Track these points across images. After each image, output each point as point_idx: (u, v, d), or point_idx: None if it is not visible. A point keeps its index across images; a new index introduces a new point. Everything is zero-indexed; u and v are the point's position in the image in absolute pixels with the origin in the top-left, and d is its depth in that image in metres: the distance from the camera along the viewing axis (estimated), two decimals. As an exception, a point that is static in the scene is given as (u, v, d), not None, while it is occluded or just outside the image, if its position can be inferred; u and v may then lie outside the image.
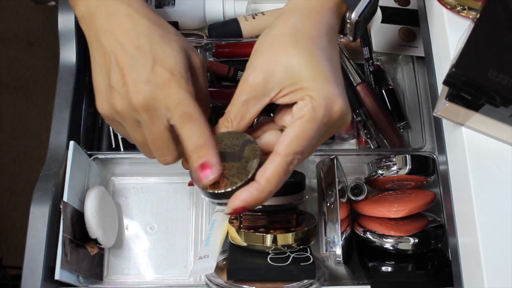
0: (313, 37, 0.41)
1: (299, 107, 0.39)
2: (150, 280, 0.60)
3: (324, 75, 0.40)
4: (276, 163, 0.38)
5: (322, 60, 0.40)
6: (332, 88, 0.39)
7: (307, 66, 0.40)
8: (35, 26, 1.53)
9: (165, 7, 0.68)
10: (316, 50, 0.40)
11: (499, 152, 0.45)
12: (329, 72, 0.40)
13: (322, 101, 0.39)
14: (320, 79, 0.39)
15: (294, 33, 0.41)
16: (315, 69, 0.40)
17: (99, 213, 0.56)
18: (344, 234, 0.54)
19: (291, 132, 0.39)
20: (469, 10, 0.50)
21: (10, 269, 1.20)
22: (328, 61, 0.41)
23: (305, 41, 0.41)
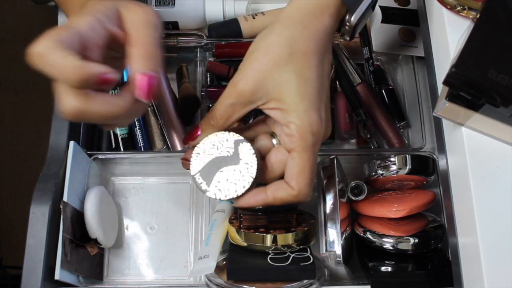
0: (307, 53, 0.43)
1: (288, 136, 0.44)
2: (150, 280, 0.60)
3: (309, 99, 0.43)
4: (288, 194, 0.45)
5: (311, 82, 0.43)
6: (315, 113, 0.43)
7: (296, 86, 0.42)
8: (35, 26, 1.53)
9: (165, 7, 0.68)
10: (307, 70, 0.43)
11: (499, 152, 0.45)
12: (315, 95, 0.43)
13: (308, 128, 0.43)
14: (305, 104, 0.43)
15: (290, 45, 0.43)
16: (303, 92, 0.43)
17: (99, 213, 0.56)
18: (344, 234, 0.54)
19: (295, 167, 0.44)
20: (469, 10, 0.50)
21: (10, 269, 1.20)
22: (317, 81, 0.43)
23: (299, 57, 0.43)
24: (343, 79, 0.65)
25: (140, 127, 0.64)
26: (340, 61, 0.66)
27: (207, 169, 0.46)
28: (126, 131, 0.64)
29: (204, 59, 0.69)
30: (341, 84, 0.66)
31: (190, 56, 0.70)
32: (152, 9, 0.42)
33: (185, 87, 0.66)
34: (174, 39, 0.69)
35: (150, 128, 0.66)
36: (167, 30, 0.69)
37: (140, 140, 0.64)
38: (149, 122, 0.66)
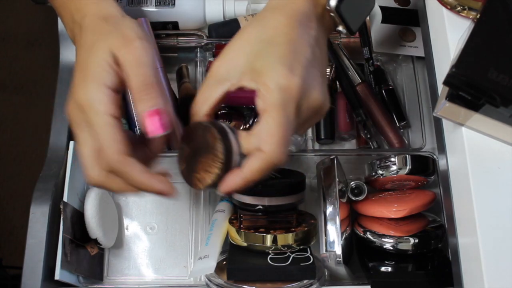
0: (277, 26, 0.43)
1: (258, 98, 0.41)
2: (150, 280, 0.60)
3: (277, 56, 0.41)
4: (261, 160, 0.41)
5: (280, 44, 0.42)
6: (283, 67, 0.41)
7: (264, 52, 0.42)
8: (35, 26, 1.53)
9: (165, 7, 0.68)
10: (276, 37, 0.43)
11: (499, 152, 0.45)
12: (285, 54, 0.42)
13: (274, 84, 0.40)
14: (271, 61, 0.41)
15: (261, 24, 0.44)
16: (270, 53, 0.42)
17: (99, 213, 0.56)
18: (344, 234, 0.54)
19: (263, 129, 0.41)
20: (469, 10, 0.50)
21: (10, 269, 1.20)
22: (289, 44, 0.42)
23: (269, 31, 0.43)
24: (343, 79, 0.65)
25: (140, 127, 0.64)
26: (340, 61, 0.66)
27: (188, 161, 0.45)
28: (126, 131, 0.64)
29: (204, 59, 0.69)
30: (341, 84, 0.66)
31: (190, 56, 0.70)
32: (143, 40, 0.43)
33: (185, 87, 0.66)
34: (174, 39, 0.69)
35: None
36: (167, 30, 0.69)
37: (140, 140, 0.64)
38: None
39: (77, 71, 0.43)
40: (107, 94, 0.41)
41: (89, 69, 0.42)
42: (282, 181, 0.55)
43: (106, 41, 0.42)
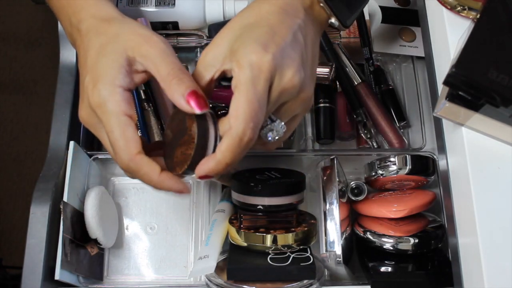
0: (260, 13, 0.44)
1: (233, 77, 0.42)
2: (150, 280, 0.60)
3: (253, 38, 0.42)
4: (229, 137, 0.41)
5: (259, 27, 0.43)
6: (256, 44, 0.41)
7: (244, 35, 0.43)
8: (35, 26, 1.53)
9: (165, 7, 0.68)
10: (256, 23, 0.43)
11: (499, 152, 0.45)
12: (261, 35, 0.42)
13: (245, 59, 0.41)
14: (248, 42, 0.42)
15: (246, 16, 0.45)
16: (246, 36, 0.42)
17: (99, 213, 0.56)
18: (344, 234, 0.54)
19: (232, 106, 0.41)
20: (469, 10, 0.50)
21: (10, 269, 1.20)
22: (266, 27, 0.43)
23: (251, 17, 0.44)
24: (343, 79, 0.65)
25: (140, 127, 0.64)
26: (340, 61, 0.66)
27: (169, 147, 0.46)
28: (126, 131, 0.64)
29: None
30: (341, 84, 0.66)
31: (190, 56, 0.70)
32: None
33: (185, 87, 0.66)
34: (174, 39, 0.69)
35: (150, 128, 0.65)
36: (167, 30, 0.69)
37: (140, 140, 0.64)
38: (149, 122, 0.66)
39: (86, 75, 0.43)
40: (121, 93, 0.42)
41: (100, 71, 0.42)
42: (282, 181, 0.55)
43: (118, 42, 0.43)
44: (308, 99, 0.46)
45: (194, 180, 0.64)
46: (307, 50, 0.45)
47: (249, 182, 0.54)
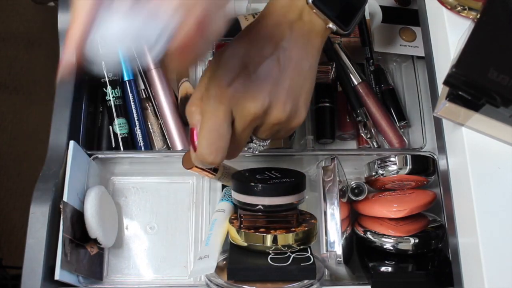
0: (241, 42, 0.47)
1: None
2: (150, 280, 0.60)
3: (221, 71, 0.45)
4: (194, 155, 0.47)
5: (231, 60, 0.46)
6: (221, 80, 0.45)
7: (218, 70, 0.46)
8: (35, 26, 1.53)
9: (165, 7, 0.68)
10: (232, 56, 0.46)
11: (499, 152, 0.45)
12: (229, 69, 0.45)
13: (210, 94, 0.45)
14: (215, 76, 0.45)
15: (233, 45, 0.48)
16: (220, 70, 0.46)
17: (99, 213, 0.56)
18: (344, 234, 0.54)
19: (199, 132, 0.46)
20: (469, 10, 0.50)
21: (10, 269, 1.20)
22: (238, 60, 0.46)
23: (230, 49, 0.47)
24: (343, 79, 0.65)
25: (140, 127, 0.64)
26: (340, 61, 0.66)
27: None
28: (126, 131, 0.64)
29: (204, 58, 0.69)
30: (341, 84, 0.66)
31: (190, 56, 0.69)
32: None
33: (185, 86, 0.66)
34: (174, 39, 0.69)
35: (150, 128, 0.66)
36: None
37: (140, 140, 0.64)
38: (149, 122, 0.66)
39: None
40: None
41: None
42: (282, 181, 0.55)
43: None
44: (283, 121, 0.47)
45: (194, 180, 0.64)
46: (285, 75, 0.46)
47: (249, 182, 0.54)
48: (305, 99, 0.48)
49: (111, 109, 0.63)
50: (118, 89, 0.64)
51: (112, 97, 0.63)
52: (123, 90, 0.65)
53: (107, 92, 0.63)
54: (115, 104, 0.63)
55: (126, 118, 0.64)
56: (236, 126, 0.46)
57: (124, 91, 0.65)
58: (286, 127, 0.48)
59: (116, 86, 0.64)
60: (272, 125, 0.47)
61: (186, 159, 0.56)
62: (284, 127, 0.48)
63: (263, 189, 0.54)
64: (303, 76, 0.47)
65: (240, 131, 0.46)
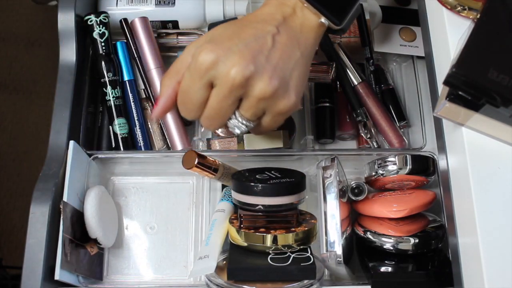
0: (237, 20, 0.49)
1: None
2: (150, 280, 0.60)
3: (208, 35, 0.47)
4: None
5: (222, 29, 0.47)
6: (203, 40, 0.47)
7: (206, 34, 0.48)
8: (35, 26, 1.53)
9: (165, 6, 0.68)
10: (224, 27, 0.48)
11: (499, 152, 0.45)
12: (216, 34, 0.47)
13: (192, 51, 0.47)
14: (201, 37, 0.48)
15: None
16: (207, 34, 0.48)
17: (99, 213, 0.56)
18: (344, 234, 0.54)
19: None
20: (469, 10, 0.50)
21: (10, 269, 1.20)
22: (227, 30, 0.47)
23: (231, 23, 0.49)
24: (343, 79, 0.65)
25: (140, 127, 0.64)
26: (340, 61, 0.66)
27: None
28: (126, 131, 0.64)
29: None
30: (341, 84, 0.66)
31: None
32: None
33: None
34: (174, 38, 0.69)
35: (150, 128, 0.66)
36: (167, 30, 0.69)
37: (140, 140, 0.64)
38: (149, 122, 0.66)
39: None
40: None
41: None
42: (282, 181, 0.55)
43: None
44: (268, 97, 0.46)
45: (194, 180, 0.64)
46: (274, 53, 0.46)
47: (249, 182, 0.54)
48: (296, 84, 0.47)
49: (111, 109, 0.63)
50: (118, 89, 0.64)
51: (112, 97, 0.63)
52: (123, 90, 0.65)
53: (107, 92, 0.63)
54: (115, 104, 0.63)
55: (126, 118, 0.64)
56: (216, 92, 0.46)
57: (124, 91, 0.65)
58: (273, 108, 0.47)
59: (116, 86, 0.64)
60: (257, 100, 0.46)
61: (186, 159, 0.56)
62: (271, 107, 0.47)
63: (263, 189, 0.54)
64: (294, 61, 0.47)
65: (220, 98, 0.46)
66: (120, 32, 0.66)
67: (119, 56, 0.65)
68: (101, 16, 0.64)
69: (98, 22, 0.64)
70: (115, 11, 0.67)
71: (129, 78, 0.65)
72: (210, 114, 0.47)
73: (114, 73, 0.64)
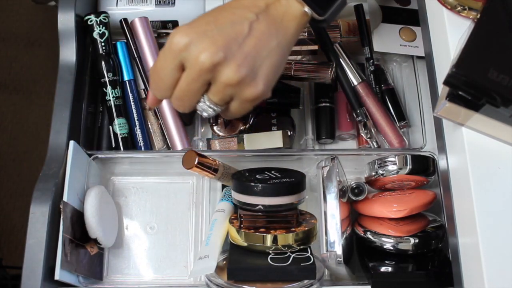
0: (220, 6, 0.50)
1: None
2: (150, 280, 0.60)
3: (188, 23, 0.48)
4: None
5: (203, 16, 0.49)
6: (181, 27, 0.48)
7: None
8: (35, 26, 1.53)
9: (165, 6, 0.68)
10: (206, 14, 0.50)
11: (499, 152, 0.45)
12: (195, 20, 0.48)
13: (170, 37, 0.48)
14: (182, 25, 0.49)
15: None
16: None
17: (99, 213, 0.56)
18: (344, 234, 0.54)
19: None
20: (469, 10, 0.50)
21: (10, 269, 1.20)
22: (207, 16, 0.49)
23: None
24: (343, 79, 0.65)
25: (140, 127, 0.64)
26: (340, 61, 0.66)
27: None
28: (126, 130, 0.64)
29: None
30: (341, 84, 0.66)
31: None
32: None
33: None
34: (174, 39, 0.69)
35: (150, 128, 0.66)
36: (167, 30, 0.69)
37: (140, 140, 0.64)
38: (149, 122, 0.66)
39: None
40: None
41: None
42: (282, 181, 0.55)
43: None
44: (234, 84, 0.47)
45: (194, 180, 0.64)
46: (248, 41, 0.47)
47: (249, 182, 0.54)
48: (266, 73, 0.48)
49: (111, 109, 0.63)
50: (118, 89, 0.64)
51: (112, 97, 0.63)
52: (123, 90, 0.65)
53: (107, 92, 0.63)
54: (115, 104, 0.63)
55: (126, 118, 0.64)
56: (186, 74, 0.47)
57: (124, 91, 0.65)
58: (240, 94, 0.48)
59: (116, 86, 0.64)
60: (224, 86, 0.47)
61: (186, 159, 0.56)
62: (238, 94, 0.48)
63: (263, 189, 0.54)
64: (268, 50, 0.48)
65: (189, 80, 0.47)
66: (120, 32, 0.66)
67: (119, 56, 0.65)
68: (101, 16, 0.64)
69: (98, 22, 0.64)
70: (115, 11, 0.67)
71: (129, 78, 0.65)
72: (180, 95, 0.49)
73: (114, 73, 0.64)
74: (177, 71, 0.48)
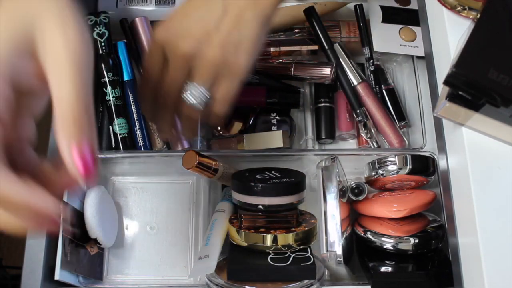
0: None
1: None
2: (150, 280, 0.60)
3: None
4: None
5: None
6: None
7: None
8: (35, 26, 1.53)
9: (165, 6, 0.68)
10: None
11: (499, 152, 0.45)
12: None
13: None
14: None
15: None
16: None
17: (99, 213, 0.56)
18: (344, 234, 0.54)
19: None
20: (469, 10, 0.50)
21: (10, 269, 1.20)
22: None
23: None
24: (343, 79, 0.65)
25: (140, 126, 0.64)
26: (340, 61, 0.66)
27: None
28: (126, 130, 0.64)
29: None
30: (341, 83, 0.66)
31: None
32: (78, 31, 0.32)
33: (185, 87, 0.66)
34: (174, 39, 0.69)
35: (150, 128, 0.65)
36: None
37: (140, 140, 0.64)
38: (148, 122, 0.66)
39: None
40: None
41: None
42: (282, 181, 0.55)
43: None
44: (218, 62, 0.48)
45: (194, 180, 0.64)
46: (224, 21, 0.48)
47: (249, 182, 0.54)
48: (246, 47, 0.49)
49: (111, 109, 0.63)
50: (118, 89, 0.64)
51: (112, 97, 0.63)
52: (123, 90, 0.65)
53: (107, 92, 0.63)
54: (115, 104, 0.63)
55: (126, 118, 0.64)
56: (169, 65, 0.50)
57: (124, 91, 0.65)
58: (224, 71, 0.49)
59: (116, 86, 0.64)
60: (207, 66, 0.49)
61: (186, 159, 0.56)
62: (222, 71, 0.49)
63: (263, 189, 0.54)
64: (245, 25, 0.49)
65: (171, 70, 0.50)
66: (120, 32, 0.66)
67: (119, 56, 0.65)
68: (101, 16, 0.64)
69: (98, 22, 0.64)
70: (115, 11, 0.67)
71: (129, 78, 0.65)
72: (167, 88, 0.52)
73: (114, 73, 0.64)
74: (162, 63, 0.51)
